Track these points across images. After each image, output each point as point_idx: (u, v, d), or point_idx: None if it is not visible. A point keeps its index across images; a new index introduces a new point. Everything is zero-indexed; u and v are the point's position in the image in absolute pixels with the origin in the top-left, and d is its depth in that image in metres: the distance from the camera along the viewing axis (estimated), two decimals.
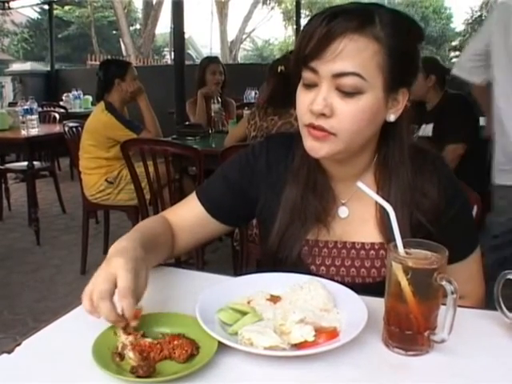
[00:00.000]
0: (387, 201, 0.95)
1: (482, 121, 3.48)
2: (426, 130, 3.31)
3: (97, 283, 0.84)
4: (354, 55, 0.91)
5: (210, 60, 4.39)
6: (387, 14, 0.94)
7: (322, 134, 0.95)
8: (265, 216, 1.16)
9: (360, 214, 1.09)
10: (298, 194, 1.09)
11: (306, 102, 0.96)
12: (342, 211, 1.11)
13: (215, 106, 3.97)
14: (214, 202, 1.18)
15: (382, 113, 0.98)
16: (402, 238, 0.95)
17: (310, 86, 0.96)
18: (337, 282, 1.02)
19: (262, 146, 1.18)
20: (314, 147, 0.98)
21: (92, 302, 0.83)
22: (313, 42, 0.92)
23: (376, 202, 1.04)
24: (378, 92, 0.94)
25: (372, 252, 1.08)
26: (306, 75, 0.96)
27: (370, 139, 1.02)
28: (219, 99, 4.00)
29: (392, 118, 1.00)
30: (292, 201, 1.09)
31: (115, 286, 0.83)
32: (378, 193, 1.05)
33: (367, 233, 1.08)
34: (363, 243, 1.09)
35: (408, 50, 0.96)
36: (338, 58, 0.91)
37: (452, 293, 0.77)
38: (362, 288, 1.04)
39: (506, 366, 0.80)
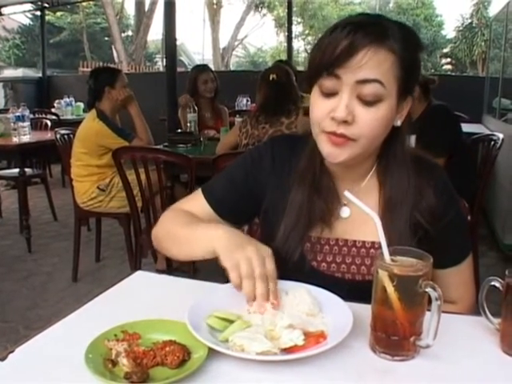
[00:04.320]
0: (389, 199, 1.06)
1: (464, 127, 3.51)
2: (410, 141, 3.32)
3: (255, 265, 0.91)
4: (376, 66, 0.96)
5: (200, 69, 4.38)
6: (396, 27, 0.99)
7: (342, 140, 0.99)
8: (270, 217, 1.19)
9: (361, 214, 1.10)
10: (304, 195, 1.12)
11: (326, 110, 0.99)
12: (344, 211, 1.14)
13: (190, 115, 3.98)
14: (220, 199, 1.20)
15: (393, 119, 1.04)
16: (403, 234, 1.02)
17: (329, 94, 0.99)
18: (337, 278, 1.10)
19: (266, 146, 1.22)
20: (333, 153, 1.02)
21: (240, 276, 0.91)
22: (338, 51, 0.95)
23: (378, 201, 1.10)
24: (393, 100, 1.00)
25: (372, 250, 1.12)
26: (327, 83, 0.99)
27: (379, 144, 1.07)
28: (195, 108, 4.00)
29: (399, 122, 1.06)
30: (298, 203, 1.13)
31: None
32: (380, 192, 1.11)
33: (368, 232, 1.11)
34: (364, 241, 1.12)
35: (414, 60, 1.02)
36: (362, 67, 0.95)
37: (436, 299, 0.80)
38: (362, 285, 1.09)
39: (490, 370, 0.82)
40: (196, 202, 1.22)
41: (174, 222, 1.15)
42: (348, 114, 0.96)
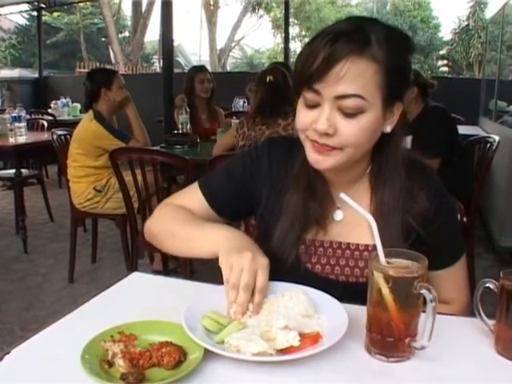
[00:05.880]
0: (380, 204, 1.06)
1: (460, 129, 3.51)
2: (406, 141, 3.33)
3: (244, 274, 0.91)
4: (355, 78, 0.94)
5: (197, 69, 4.42)
6: (382, 32, 0.97)
7: (326, 148, 1.00)
8: (266, 218, 1.20)
9: (354, 217, 1.11)
10: (299, 199, 1.13)
11: (309, 120, 1.01)
12: (338, 214, 1.15)
13: (182, 116, 3.98)
14: (216, 194, 1.21)
15: (380, 126, 1.03)
16: (395, 239, 1.01)
17: (312, 105, 1.00)
18: (332, 280, 1.11)
19: (264, 147, 1.23)
20: (318, 160, 1.03)
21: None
22: (316, 65, 0.95)
23: (370, 206, 1.10)
24: (378, 109, 0.99)
25: (365, 253, 1.12)
26: (309, 96, 0.99)
27: (368, 150, 1.07)
28: (187, 109, 4.01)
29: (388, 129, 1.05)
30: (294, 205, 1.13)
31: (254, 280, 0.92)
32: (372, 197, 1.12)
33: (361, 235, 1.11)
34: (357, 244, 1.13)
35: (402, 65, 1.01)
36: (341, 81, 0.94)
37: (431, 301, 0.80)
38: (356, 287, 1.10)
39: (484, 372, 0.82)
40: (192, 195, 1.23)
41: (172, 217, 1.15)
42: (329, 126, 0.97)
